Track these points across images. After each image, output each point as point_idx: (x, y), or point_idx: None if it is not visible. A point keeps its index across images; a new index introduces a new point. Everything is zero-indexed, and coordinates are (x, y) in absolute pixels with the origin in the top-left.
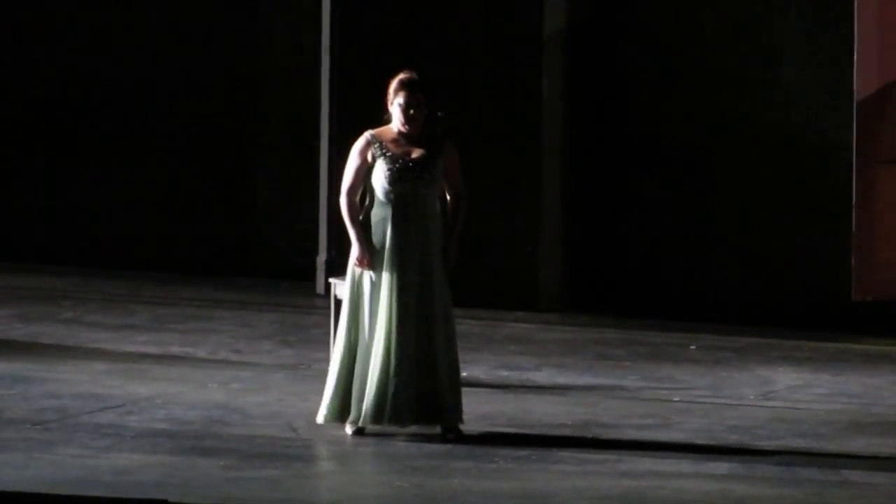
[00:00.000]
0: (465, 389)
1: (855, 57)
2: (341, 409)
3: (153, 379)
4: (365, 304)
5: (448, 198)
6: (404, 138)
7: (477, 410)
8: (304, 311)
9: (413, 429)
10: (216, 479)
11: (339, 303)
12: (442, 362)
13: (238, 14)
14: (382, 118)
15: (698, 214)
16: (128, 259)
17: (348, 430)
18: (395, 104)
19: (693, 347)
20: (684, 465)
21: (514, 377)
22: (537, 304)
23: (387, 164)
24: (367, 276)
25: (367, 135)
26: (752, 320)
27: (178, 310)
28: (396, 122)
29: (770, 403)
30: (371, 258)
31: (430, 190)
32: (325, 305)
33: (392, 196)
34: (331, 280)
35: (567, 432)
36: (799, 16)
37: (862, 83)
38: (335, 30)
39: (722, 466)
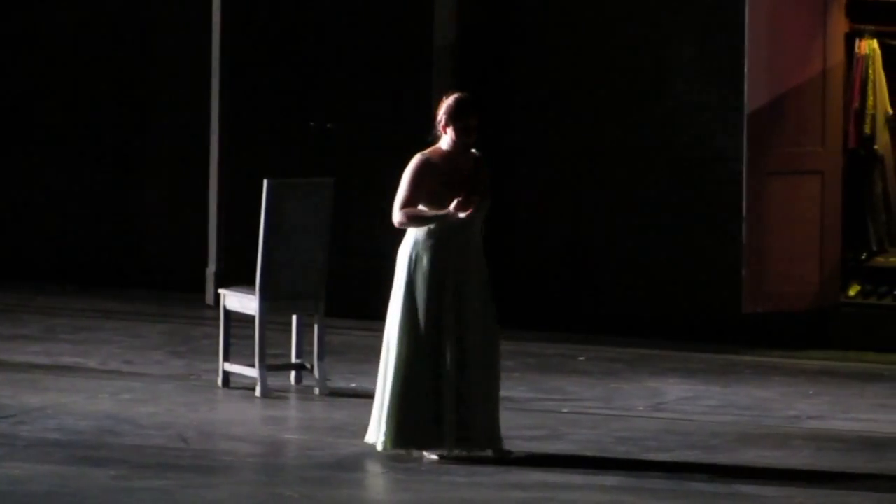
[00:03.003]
0: (354, 401)
1: (745, 69)
2: (410, 433)
3: (44, 389)
4: (407, 327)
5: None
6: (453, 160)
7: (365, 421)
8: (194, 322)
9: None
10: (107, 489)
11: (228, 314)
12: (478, 390)
13: (128, 24)
14: (431, 137)
15: (588, 225)
16: (19, 269)
17: (433, 456)
18: (457, 126)
19: (582, 358)
20: (574, 476)
21: None
22: None
23: (446, 187)
24: (406, 297)
25: (421, 157)
26: (642, 331)
27: (69, 320)
28: (449, 142)
29: (660, 415)
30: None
31: (481, 212)
32: (214, 316)
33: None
34: (220, 291)
35: None
36: (690, 28)
37: (752, 95)
38: (225, 39)
39: (611, 478)
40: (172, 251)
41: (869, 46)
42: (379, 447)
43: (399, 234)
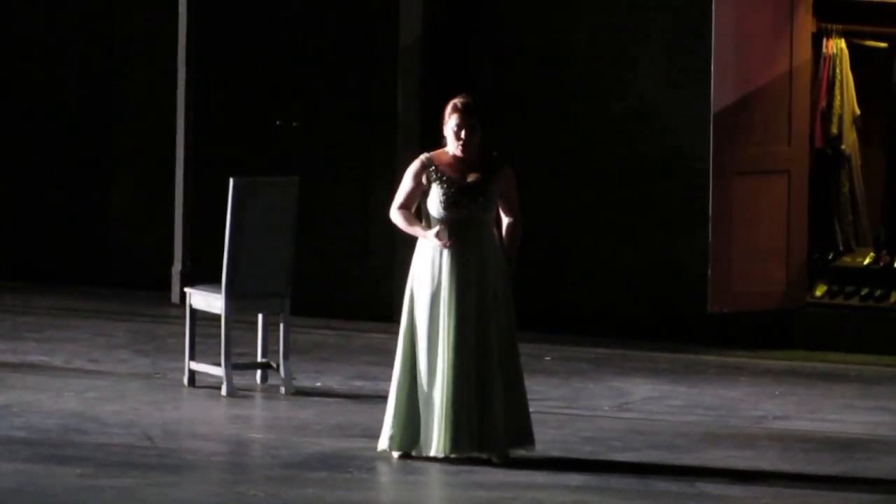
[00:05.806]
0: (319, 400)
1: (712, 69)
2: (406, 437)
3: (10, 387)
4: (422, 331)
5: (504, 222)
6: (460, 162)
7: (331, 420)
8: (160, 321)
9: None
10: (73, 487)
11: (194, 312)
12: (497, 390)
13: (94, 22)
14: (441, 141)
15: (553, 225)
16: None
17: (395, 454)
18: (448, 128)
19: (548, 358)
20: (539, 476)
21: (369, 387)
22: (391, 314)
23: (441, 188)
24: (423, 302)
25: (422, 157)
26: (608, 331)
27: (34, 318)
28: (451, 146)
29: (625, 415)
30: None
31: (485, 214)
32: (180, 315)
33: (447, 221)
34: (186, 290)
35: None
36: (656, 28)
37: (718, 95)
38: (191, 39)
39: (576, 478)
40: (138, 249)
41: (836, 46)
42: (382, 447)
43: (362, 232)
